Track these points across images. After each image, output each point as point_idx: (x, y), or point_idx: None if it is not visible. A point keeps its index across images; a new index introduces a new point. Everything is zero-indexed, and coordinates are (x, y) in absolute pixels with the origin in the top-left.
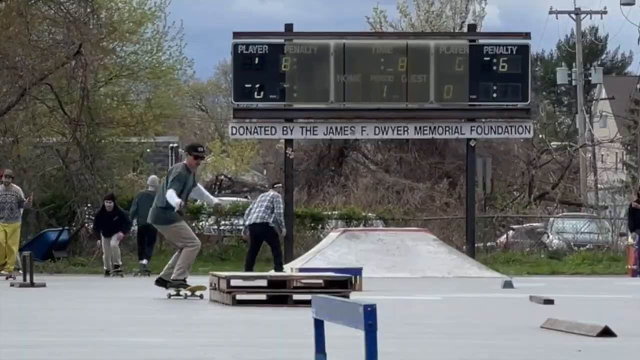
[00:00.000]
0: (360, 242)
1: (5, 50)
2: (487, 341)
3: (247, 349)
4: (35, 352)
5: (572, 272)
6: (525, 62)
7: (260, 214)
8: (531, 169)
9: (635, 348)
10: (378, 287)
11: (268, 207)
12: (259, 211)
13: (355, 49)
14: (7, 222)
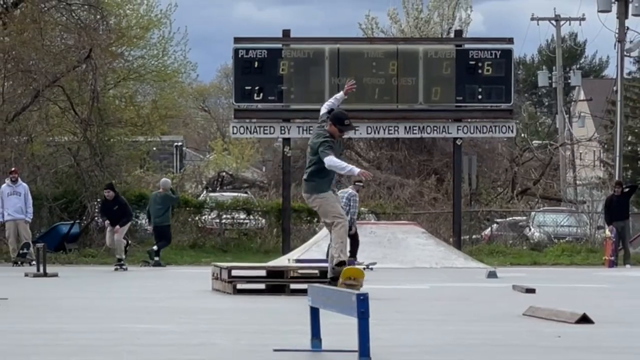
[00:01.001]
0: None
1: (20, 55)
2: (472, 327)
3: (247, 335)
4: (48, 337)
5: (552, 263)
6: (508, 66)
7: None
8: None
9: (612, 334)
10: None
11: (346, 205)
12: None
13: (349, 54)
14: None
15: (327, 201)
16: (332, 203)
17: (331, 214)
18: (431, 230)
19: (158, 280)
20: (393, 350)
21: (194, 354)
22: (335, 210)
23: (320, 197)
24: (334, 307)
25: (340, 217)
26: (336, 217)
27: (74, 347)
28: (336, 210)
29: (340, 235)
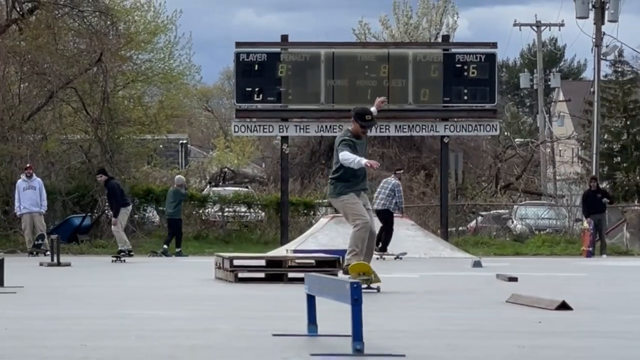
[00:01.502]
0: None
1: (35, 58)
2: (458, 314)
3: (248, 321)
4: (62, 323)
5: (533, 253)
6: (492, 69)
7: (382, 201)
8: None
9: (589, 320)
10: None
11: (389, 195)
12: (381, 198)
13: (343, 57)
14: None
15: (346, 203)
16: (351, 205)
17: (350, 216)
18: (420, 223)
19: (165, 269)
20: (385, 335)
21: (198, 338)
22: (354, 212)
23: (340, 200)
24: (329, 294)
25: (359, 219)
26: (355, 219)
27: (86, 331)
28: (355, 212)
29: (355, 237)
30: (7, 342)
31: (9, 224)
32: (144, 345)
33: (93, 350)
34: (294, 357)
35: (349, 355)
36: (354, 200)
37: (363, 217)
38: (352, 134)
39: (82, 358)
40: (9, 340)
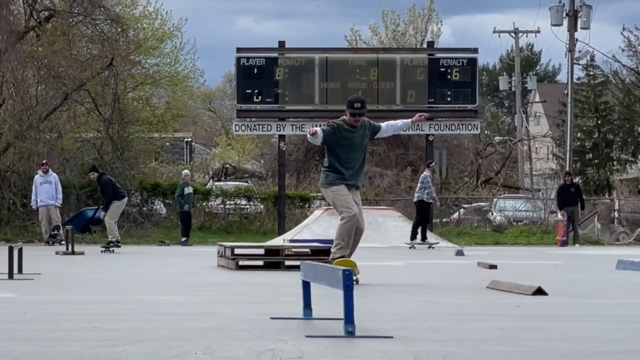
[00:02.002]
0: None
1: (51, 63)
2: (442, 298)
3: (248, 305)
4: (76, 307)
5: (511, 243)
6: (474, 72)
7: (417, 193)
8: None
9: (563, 304)
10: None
11: (421, 187)
12: (416, 191)
13: (336, 62)
14: None
15: (336, 194)
16: (340, 197)
17: (338, 207)
18: (407, 215)
19: (171, 258)
20: (374, 318)
21: (203, 321)
22: (343, 204)
23: (330, 190)
24: (323, 281)
25: (347, 211)
26: (343, 211)
27: (98, 315)
28: (343, 204)
29: (341, 230)
30: (26, 325)
31: (27, 216)
32: (152, 327)
33: (105, 332)
34: (291, 339)
35: (342, 337)
36: (345, 192)
37: (350, 209)
38: (347, 123)
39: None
40: (27, 323)
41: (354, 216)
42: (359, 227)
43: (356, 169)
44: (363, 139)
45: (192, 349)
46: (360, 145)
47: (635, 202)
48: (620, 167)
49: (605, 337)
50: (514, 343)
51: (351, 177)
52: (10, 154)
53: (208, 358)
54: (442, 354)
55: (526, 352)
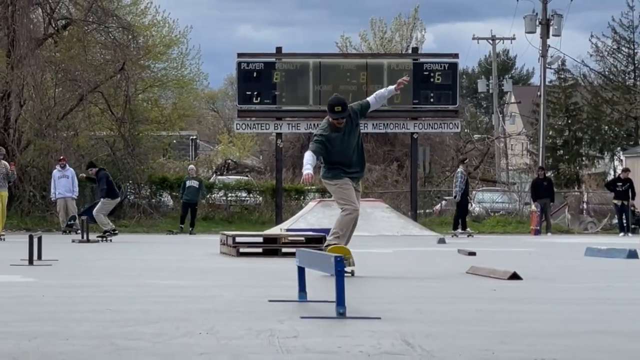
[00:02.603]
0: (332, 210)
1: (68, 67)
2: (426, 283)
3: (248, 289)
4: (90, 290)
5: (489, 232)
6: (454, 76)
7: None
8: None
9: (536, 288)
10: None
11: (455, 184)
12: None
13: (328, 66)
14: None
15: (339, 188)
16: (343, 190)
17: (341, 201)
18: (393, 206)
19: (177, 245)
20: (363, 301)
21: (206, 303)
22: (345, 198)
23: (334, 184)
24: (316, 266)
25: (350, 205)
26: (345, 205)
27: (110, 298)
28: (346, 198)
29: (341, 221)
30: (45, 307)
31: (46, 207)
32: (161, 309)
33: (117, 313)
34: (287, 319)
35: (333, 318)
36: (348, 186)
37: (353, 204)
38: (331, 126)
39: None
40: (46, 305)
41: (356, 211)
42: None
43: (355, 160)
44: (352, 130)
45: (197, 329)
46: (354, 136)
47: (602, 195)
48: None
49: (574, 317)
50: (491, 323)
51: (353, 169)
52: (30, 150)
53: (211, 337)
54: (426, 333)
55: (502, 332)
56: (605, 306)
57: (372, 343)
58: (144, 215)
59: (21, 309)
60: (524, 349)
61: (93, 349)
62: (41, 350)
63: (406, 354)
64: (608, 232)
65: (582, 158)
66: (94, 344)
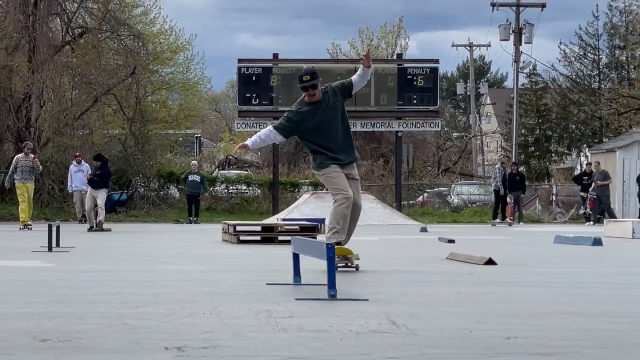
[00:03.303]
0: (324, 201)
1: (84, 71)
2: (409, 268)
3: (248, 274)
4: (104, 275)
5: (467, 222)
6: (435, 79)
7: (493, 182)
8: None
9: (510, 272)
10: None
11: (494, 178)
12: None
13: (320, 71)
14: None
15: (327, 177)
16: (332, 179)
17: (331, 190)
18: (380, 198)
19: (184, 234)
20: (352, 285)
21: (211, 287)
22: (335, 186)
23: (322, 174)
24: (310, 253)
25: (340, 193)
26: (336, 194)
27: (122, 282)
28: (336, 186)
29: (335, 213)
30: (63, 290)
31: (63, 199)
32: (169, 292)
33: (129, 296)
34: (283, 301)
35: (326, 300)
36: (336, 173)
37: (344, 191)
38: (305, 102)
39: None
40: (64, 289)
41: (349, 198)
42: (357, 203)
43: (340, 143)
44: (334, 108)
45: (202, 310)
46: (334, 115)
47: (570, 188)
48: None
49: (545, 300)
50: (468, 305)
51: (340, 153)
52: (50, 147)
53: (215, 317)
54: (410, 313)
55: (478, 313)
56: (573, 289)
57: (361, 323)
58: (153, 207)
59: (42, 291)
60: (499, 329)
61: (107, 329)
62: (60, 330)
63: (392, 333)
64: (575, 221)
65: (552, 154)
66: (108, 323)
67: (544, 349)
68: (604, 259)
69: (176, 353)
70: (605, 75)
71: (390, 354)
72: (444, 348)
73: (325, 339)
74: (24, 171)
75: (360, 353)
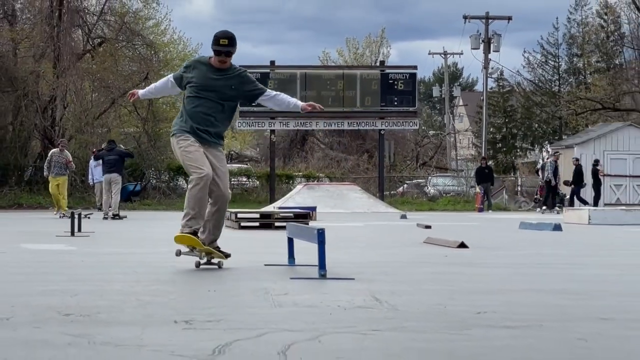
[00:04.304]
0: (315, 191)
1: (102, 76)
2: (390, 251)
3: (247, 255)
4: (120, 256)
5: (442, 209)
6: (414, 83)
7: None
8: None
9: (480, 254)
10: (325, 218)
11: (547, 170)
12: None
13: (312, 76)
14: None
15: (183, 151)
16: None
17: (187, 167)
18: (364, 189)
19: None
20: (339, 265)
21: (213, 267)
22: (191, 163)
23: (178, 145)
24: (303, 237)
25: (196, 171)
26: (192, 172)
27: (136, 262)
28: (191, 162)
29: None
30: (84, 270)
31: (84, 190)
32: (177, 270)
33: (142, 274)
34: (279, 280)
35: (316, 278)
36: (194, 147)
37: (201, 169)
38: (211, 63)
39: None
40: (85, 268)
41: (204, 177)
42: (222, 194)
43: (217, 121)
44: (230, 89)
45: (206, 288)
46: (225, 95)
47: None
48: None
49: (510, 278)
50: (443, 283)
51: (211, 127)
52: (72, 144)
53: (217, 294)
54: (391, 290)
55: (451, 290)
56: (535, 269)
57: (348, 299)
58: (164, 196)
59: (65, 271)
60: (469, 304)
61: (122, 304)
62: (81, 305)
63: (375, 308)
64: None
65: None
66: (123, 299)
67: (509, 322)
68: (562, 243)
69: (184, 325)
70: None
71: (373, 326)
72: (421, 321)
73: (316, 313)
74: (56, 165)
75: (347, 326)
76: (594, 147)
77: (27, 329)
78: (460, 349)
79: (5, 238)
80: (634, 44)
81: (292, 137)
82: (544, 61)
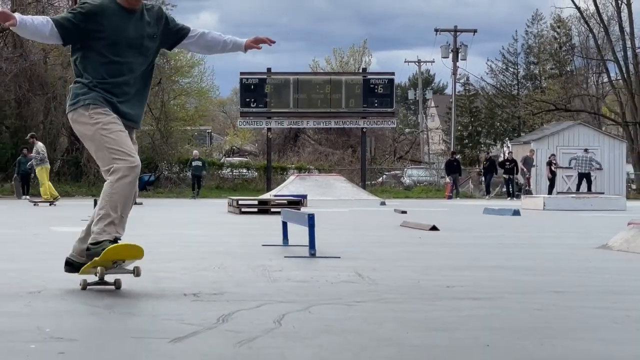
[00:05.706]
0: (306, 181)
1: None
2: (371, 232)
3: (247, 237)
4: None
5: (416, 197)
6: (392, 87)
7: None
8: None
9: (449, 236)
10: (315, 205)
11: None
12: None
13: (303, 81)
14: None
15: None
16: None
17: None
18: (349, 179)
19: (196, 206)
20: (328, 246)
21: (218, 247)
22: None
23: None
24: (295, 221)
25: (122, 159)
26: (115, 158)
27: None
28: (116, 146)
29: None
30: None
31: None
32: (185, 251)
33: (156, 254)
34: (275, 258)
35: (307, 257)
36: (118, 126)
37: (131, 156)
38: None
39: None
40: None
41: (135, 168)
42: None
43: (133, 92)
44: (146, 37)
45: (211, 265)
46: (141, 45)
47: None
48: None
49: (476, 257)
50: (417, 261)
51: (126, 102)
52: None
53: (221, 271)
54: (372, 267)
55: (425, 267)
56: (498, 249)
57: (334, 275)
58: (175, 186)
59: None
60: (440, 279)
61: (139, 279)
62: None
63: (358, 282)
64: (499, 197)
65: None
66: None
67: (475, 295)
68: (521, 226)
69: (192, 298)
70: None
71: (357, 298)
72: (398, 294)
73: (307, 287)
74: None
75: (334, 298)
76: (549, 143)
77: (55, 301)
78: (433, 318)
79: (37, 222)
80: (583, 54)
81: (286, 134)
82: (504, 68)
